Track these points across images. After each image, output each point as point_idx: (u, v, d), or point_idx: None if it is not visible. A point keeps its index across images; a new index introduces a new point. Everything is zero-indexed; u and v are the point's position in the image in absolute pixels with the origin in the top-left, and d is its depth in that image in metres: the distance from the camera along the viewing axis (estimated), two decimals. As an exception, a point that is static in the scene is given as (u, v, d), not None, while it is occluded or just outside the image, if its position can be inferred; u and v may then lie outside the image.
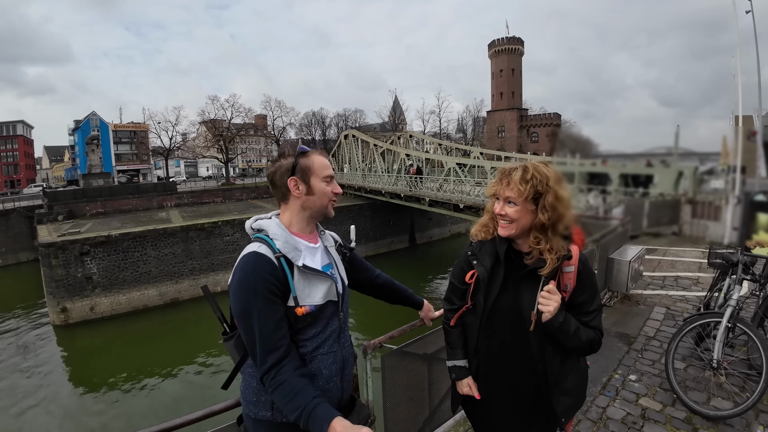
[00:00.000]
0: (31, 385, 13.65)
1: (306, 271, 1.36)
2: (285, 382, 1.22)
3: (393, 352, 2.14)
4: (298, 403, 1.19)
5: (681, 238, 5.13)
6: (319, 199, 1.45)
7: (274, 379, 1.23)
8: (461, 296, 1.68)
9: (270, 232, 1.38)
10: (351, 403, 1.55)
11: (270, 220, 1.44)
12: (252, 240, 1.41)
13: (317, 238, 1.53)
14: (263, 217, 1.49)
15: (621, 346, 4.24)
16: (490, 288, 1.55)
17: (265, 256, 1.30)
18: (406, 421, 2.31)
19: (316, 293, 1.37)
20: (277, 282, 1.29)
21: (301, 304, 1.32)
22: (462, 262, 1.67)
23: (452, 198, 20.86)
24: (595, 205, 3.98)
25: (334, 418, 1.13)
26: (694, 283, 6.21)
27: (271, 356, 1.24)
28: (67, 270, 18.22)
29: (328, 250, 1.54)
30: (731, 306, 3.10)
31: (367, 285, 1.85)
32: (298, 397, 1.20)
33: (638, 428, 2.96)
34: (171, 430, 1.50)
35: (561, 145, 4.01)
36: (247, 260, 1.31)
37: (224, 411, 1.61)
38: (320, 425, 1.14)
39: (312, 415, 1.16)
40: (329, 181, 1.48)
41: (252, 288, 1.26)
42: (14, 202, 31.19)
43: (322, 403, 1.19)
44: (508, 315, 1.55)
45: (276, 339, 1.25)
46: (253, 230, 1.45)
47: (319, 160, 1.47)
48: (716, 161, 3.71)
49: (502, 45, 62.53)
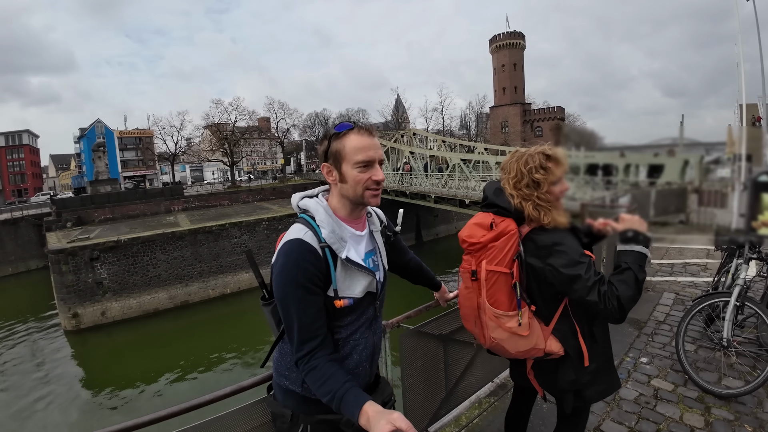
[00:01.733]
0: (44, 390, 13.86)
1: (349, 265, 1.32)
2: (318, 367, 1.24)
3: (410, 332, 2.20)
4: (329, 387, 1.21)
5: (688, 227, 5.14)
6: (352, 188, 1.33)
7: (307, 364, 1.26)
8: None
9: (317, 218, 1.32)
10: (375, 381, 1.58)
11: (317, 202, 1.37)
12: (297, 219, 1.37)
13: (365, 223, 1.47)
14: (310, 194, 1.43)
15: (631, 331, 4.28)
16: None
17: (309, 245, 1.27)
18: (423, 401, 2.37)
19: (357, 286, 1.35)
20: (319, 273, 1.27)
21: (340, 296, 1.30)
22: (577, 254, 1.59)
23: (457, 194, 20.89)
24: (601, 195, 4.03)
25: (365, 402, 1.15)
26: (703, 269, 6.24)
27: (308, 345, 1.26)
28: (77, 276, 18.44)
29: (373, 235, 1.50)
30: (739, 285, 3.15)
31: (401, 267, 1.84)
32: (330, 381, 1.22)
33: (651, 407, 3.00)
34: (201, 406, 1.59)
35: (565, 139, 4.07)
36: (291, 248, 1.27)
37: (254, 386, 1.68)
38: (352, 409, 1.15)
39: (344, 399, 1.18)
40: (363, 166, 1.31)
41: (293, 277, 1.24)
42: (22, 211, 31.50)
43: (353, 388, 1.20)
44: None
45: (314, 329, 1.26)
46: (300, 209, 1.39)
47: (354, 141, 1.31)
48: (722, 150, 3.75)
49: (503, 40, 62.42)
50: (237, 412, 1.67)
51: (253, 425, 1.66)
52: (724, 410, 2.91)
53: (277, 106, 56.46)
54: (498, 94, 64.40)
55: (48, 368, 15.50)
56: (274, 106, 56.57)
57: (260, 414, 1.69)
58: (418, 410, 2.33)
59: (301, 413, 1.38)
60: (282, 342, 1.43)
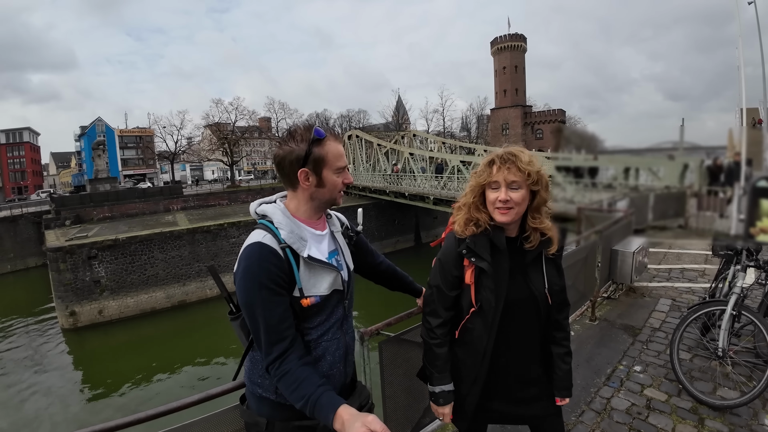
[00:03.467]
0: (41, 388, 13.81)
1: (311, 262, 1.32)
2: (290, 371, 1.22)
3: (390, 340, 2.14)
4: (303, 392, 1.19)
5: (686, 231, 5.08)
6: (329, 192, 1.38)
7: (278, 369, 1.23)
8: (451, 305, 1.61)
9: (275, 221, 1.33)
10: (352, 386, 1.55)
11: (275, 206, 1.39)
12: (257, 225, 1.37)
13: (325, 224, 1.49)
14: (268, 200, 1.45)
15: (626, 338, 4.21)
16: (500, 280, 1.51)
17: (269, 247, 1.27)
18: (405, 410, 2.31)
19: (322, 284, 1.34)
20: (282, 273, 1.26)
21: (306, 295, 1.30)
22: (451, 266, 1.58)
23: (456, 196, 20.76)
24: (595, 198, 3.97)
25: (340, 406, 1.13)
26: (701, 274, 6.15)
27: (277, 347, 1.23)
28: (75, 274, 18.41)
29: (335, 236, 1.51)
30: (735, 293, 3.07)
31: (370, 270, 1.81)
32: (303, 386, 1.19)
33: (643, 418, 2.93)
34: (171, 412, 1.53)
35: (566, 142, 4.00)
36: (252, 250, 1.28)
37: (223, 394, 1.63)
38: (326, 413, 1.13)
39: (317, 403, 1.16)
40: (341, 171, 1.39)
41: (256, 279, 1.24)
42: (22, 208, 31.50)
43: (327, 392, 1.18)
44: (521, 303, 1.55)
45: (281, 330, 1.25)
46: (258, 215, 1.41)
47: (334, 149, 1.36)
48: (723, 154, 3.69)
49: (505, 42, 62.47)
50: (205, 420, 1.61)
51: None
52: (718, 422, 2.83)
53: (278, 106, 56.74)
54: (499, 97, 64.39)
55: (44, 366, 15.45)
56: (274, 106, 56.90)
57: (229, 422, 1.63)
58: (399, 419, 2.26)
59: (276, 420, 1.34)
60: (252, 351, 1.39)
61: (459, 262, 1.56)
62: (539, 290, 1.54)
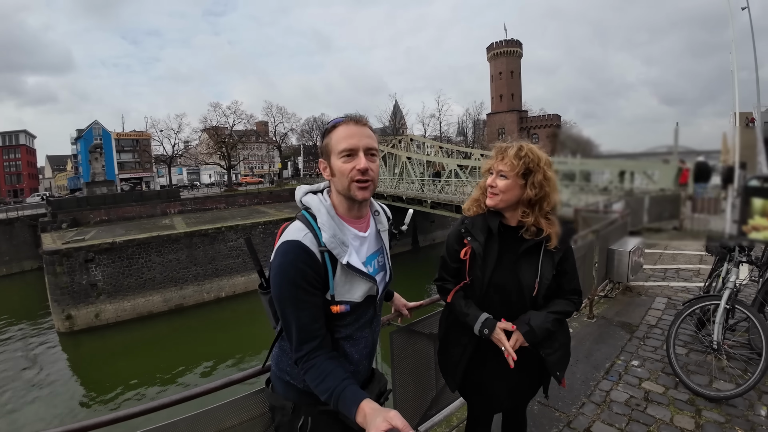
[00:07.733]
0: (36, 392, 13.72)
1: (349, 270, 1.29)
2: (316, 365, 1.25)
3: (401, 330, 2.21)
4: (328, 385, 1.21)
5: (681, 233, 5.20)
6: (339, 181, 1.29)
7: (306, 363, 1.26)
8: (454, 274, 1.76)
9: (319, 220, 1.28)
10: (370, 373, 1.58)
11: (320, 202, 1.33)
12: (298, 215, 1.34)
13: (368, 222, 1.42)
14: (315, 189, 1.40)
15: (623, 335, 4.30)
16: (486, 262, 1.64)
17: (308, 248, 1.23)
18: (414, 400, 2.38)
19: (356, 291, 1.32)
20: (317, 276, 1.25)
21: (338, 300, 1.28)
22: (454, 240, 1.74)
23: (454, 199, 20.97)
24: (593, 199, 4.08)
25: (362, 400, 1.15)
26: (696, 274, 6.27)
27: (307, 345, 1.25)
28: (71, 277, 18.33)
29: (380, 235, 1.46)
30: (729, 288, 3.18)
31: None
32: (328, 379, 1.22)
33: (642, 410, 3.01)
34: (192, 398, 1.60)
35: (561, 146, 4.09)
36: (288, 248, 1.24)
37: (245, 380, 1.69)
38: (349, 407, 1.15)
39: (342, 396, 1.18)
40: (347, 156, 1.27)
41: (290, 278, 1.23)
42: (18, 211, 31.34)
43: (351, 386, 1.20)
44: (505, 288, 1.65)
45: (313, 330, 1.26)
46: (302, 205, 1.36)
47: (340, 132, 1.28)
48: (717, 158, 3.80)
49: (501, 48, 62.87)
50: (229, 404, 1.66)
51: (243, 419, 1.66)
52: (714, 413, 2.92)
53: (275, 110, 56.75)
54: (495, 101, 64.77)
55: (40, 369, 15.34)
56: (272, 110, 56.90)
57: (252, 407, 1.68)
58: (408, 409, 2.33)
59: (303, 405, 1.38)
60: (281, 340, 1.42)
61: (460, 238, 1.71)
62: (527, 279, 1.63)
